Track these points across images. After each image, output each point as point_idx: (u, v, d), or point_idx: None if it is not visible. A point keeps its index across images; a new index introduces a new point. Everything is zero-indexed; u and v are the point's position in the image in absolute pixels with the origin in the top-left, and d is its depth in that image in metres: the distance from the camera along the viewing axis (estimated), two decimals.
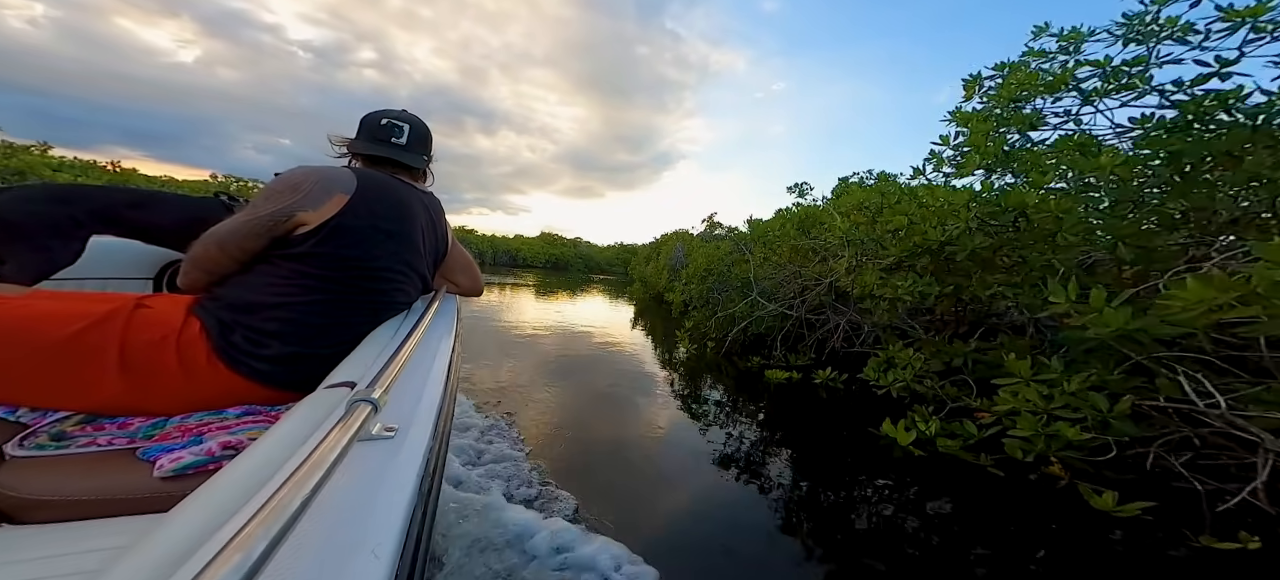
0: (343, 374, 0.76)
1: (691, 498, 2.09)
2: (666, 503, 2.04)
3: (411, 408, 0.61)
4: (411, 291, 1.18)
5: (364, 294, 1.04)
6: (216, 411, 0.88)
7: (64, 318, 0.81)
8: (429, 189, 1.33)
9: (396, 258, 1.10)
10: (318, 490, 0.37)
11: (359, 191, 1.03)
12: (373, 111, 1.22)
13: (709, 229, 12.65)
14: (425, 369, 0.76)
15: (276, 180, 1.01)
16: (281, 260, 0.98)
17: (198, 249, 0.99)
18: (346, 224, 1.00)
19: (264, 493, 0.38)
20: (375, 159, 1.20)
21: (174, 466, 0.70)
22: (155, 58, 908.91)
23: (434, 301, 1.17)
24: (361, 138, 1.21)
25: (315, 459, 0.39)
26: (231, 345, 0.90)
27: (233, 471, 0.47)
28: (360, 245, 1.02)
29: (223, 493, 0.43)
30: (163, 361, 0.85)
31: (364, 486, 0.45)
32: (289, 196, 0.97)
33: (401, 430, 0.55)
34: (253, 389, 0.92)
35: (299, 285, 0.97)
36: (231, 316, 0.93)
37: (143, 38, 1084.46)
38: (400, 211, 1.12)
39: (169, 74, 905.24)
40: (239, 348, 0.91)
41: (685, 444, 2.90)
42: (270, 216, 0.96)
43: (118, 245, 1.33)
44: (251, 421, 0.86)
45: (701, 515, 1.94)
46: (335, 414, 0.52)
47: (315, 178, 1.00)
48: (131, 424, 0.82)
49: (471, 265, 1.50)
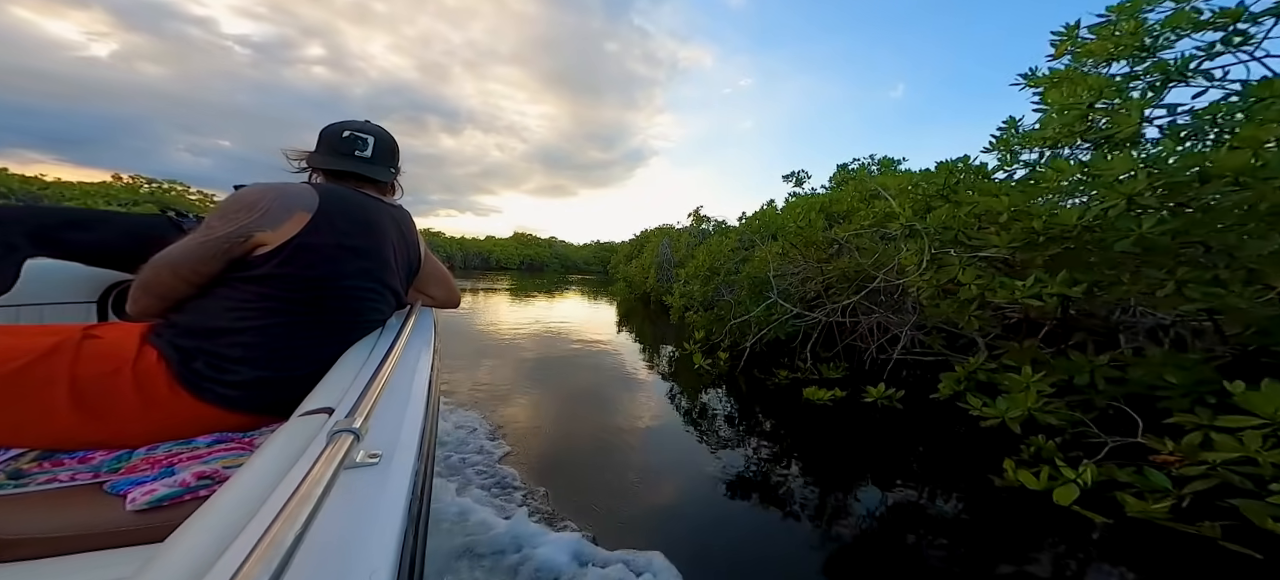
0: (319, 399, 0.73)
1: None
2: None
3: (394, 432, 0.61)
4: (385, 309, 1.14)
5: (333, 314, 0.99)
6: (185, 441, 0.84)
7: (4, 354, 0.78)
8: (398, 202, 1.28)
9: (366, 275, 1.06)
10: (309, 524, 0.36)
11: (322, 209, 0.97)
12: (333, 123, 1.17)
13: (696, 224, 12.02)
14: (405, 390, 0.75)
15: (231, 199, 0.95)
16: (241, 283, 0.92)
17: (148, 273, 0.93)
18: (310, 243, 0.95)
19: (256, 527, 0.39)
20: (339, 173, 1.14)
21: (148, 499, 0.67)
22: (63, 52, 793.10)
23: (410, 317, 1.14)
24: (322, 151, 1.15)
25: (303, 492, 0.38)
26: (193, 372, 0.86)
27: (220, 504, 0.47)
28: (325, 265, 0.97)
29: (214, 526, 0.43)
30: (118, 393, 0.82)
31: (353, 518, 0.44)
32: (245, 216, 0.91)
33: (386, 457, 0.54)
34: (221, 416, 0.88)
35: (261, 308, 0.92)
36: (191, 343, 0.89)
37: (47, 30, 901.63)
38: (367, 228, 1.07)
39: (81, 70, 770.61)
40: (202, 375, 0.87)
41: (728, 505, 2.20)
42: (226, 238, 0.90)
43: (56, 268, 1.26)
44: (224, 450, 0.83)
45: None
46: (317, 444, 0.54)
47: (273, 195, 0.95)
48: (93, 458, 0.79)
49: (446, 277, 1.46)
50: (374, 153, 1.15)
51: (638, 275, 12.90)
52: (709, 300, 5.50)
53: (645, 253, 13.77)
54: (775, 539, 2.04)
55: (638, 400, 3.98)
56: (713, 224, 11.87)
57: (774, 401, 3.91)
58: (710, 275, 5.53)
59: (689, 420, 3.59)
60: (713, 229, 11.67)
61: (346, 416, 0.53)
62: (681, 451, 3.00)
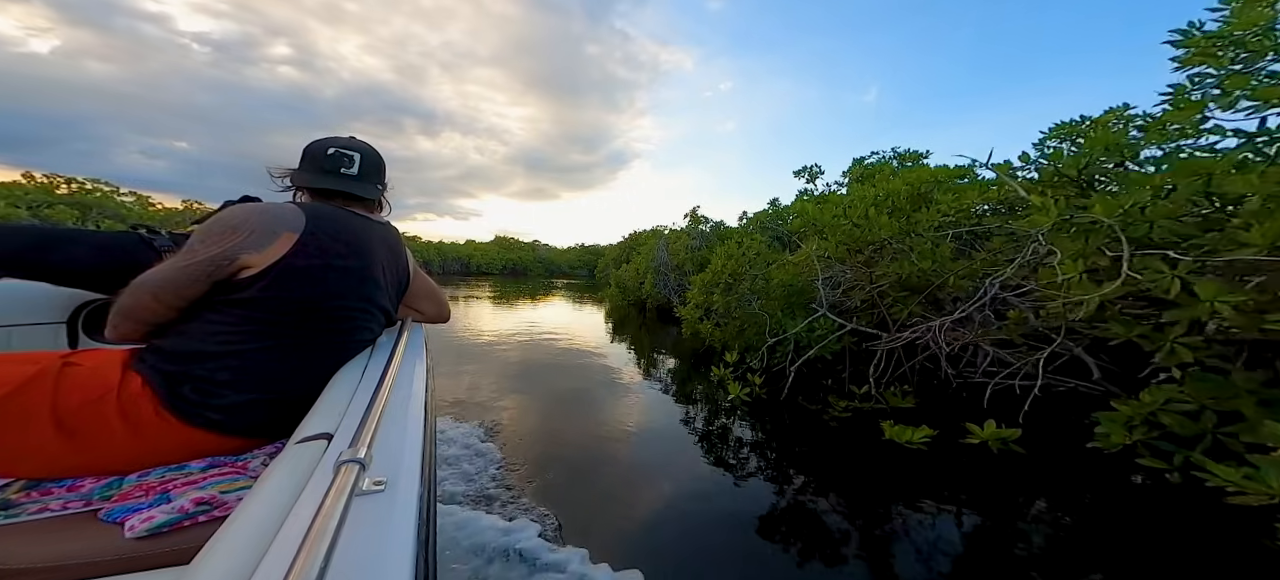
0: (317, 424, 0.72)
1: None
2: None
3: (397, 457, 0.60)
4: (375, 328, 1.12)
5: (323, 335, 0.98)
6: (178, 466, 0.84)
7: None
8: (386, 219, 1.24)
9: (356, 296, 1.04)
10: (330, 556, 0.37)
11: (309, 229, 0.96)
12: (317, 140, 1.12)
13: (693, 224, 11.29)
14: (403, 412, 0.74)
15: (213, 221, 0.93)
16: (227, 306, 0.90)
17: (128, 299, 0.90)
18: (297, 265, 0.93)
19: (276, 560, 0.41)
20: (324, 191, 1.10)
21: (146, 526, 0.67)
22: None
23: (402, 335, 1.11)
24: (306, 169, 1.11)
25: (319, 526, 0.39)
26: (181, 398, 0.85)
27: (234, 534, 0.47)
28: (314, 286, 0.95)
29: (232, 557, 0.43)
30: (104, 421, 0.81)
31: (368, 548, 0.45)
32: (230, 238, 0.90)
33: (391, 482, 0.54)
34: (212, 440, 0.88)
35: (249, 331, 0.90)
36: (176, 368, 0.87)
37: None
38: (356, 247, 1.04)
39: (19, 66, 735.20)
40: (190, 400, 0.86)
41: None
42: (210, 261, 0.89)
43: (22, 288, 1.24)
44: (219, 474, 0.82)
45: None
46: (323, 473, 0.54)
47: (258, 216, 0.93)
48: (82, 486, 0.78)
49: (436, 292, 1.44)
50: (361, 170, 1.12)
51: (631, 280, 12.10)
52: (729, 311, 4.73)
53: (638, 256, 12.97)
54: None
55: (663, 438, 3.18)
56: (710, 225, 11.17)
57: (836, 442, 3.15)
58: (732, 283, 4.76)
59: (738, 470, 2.80)
60: (711, 230, 10.97)
61: (350, 445, 0.56)
62: (742, 518, 2.20)
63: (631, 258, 19.95)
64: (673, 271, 10.50)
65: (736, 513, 2.35)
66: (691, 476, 2.73)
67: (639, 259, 12.81)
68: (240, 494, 0.74)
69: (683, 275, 10.33)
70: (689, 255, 9.90)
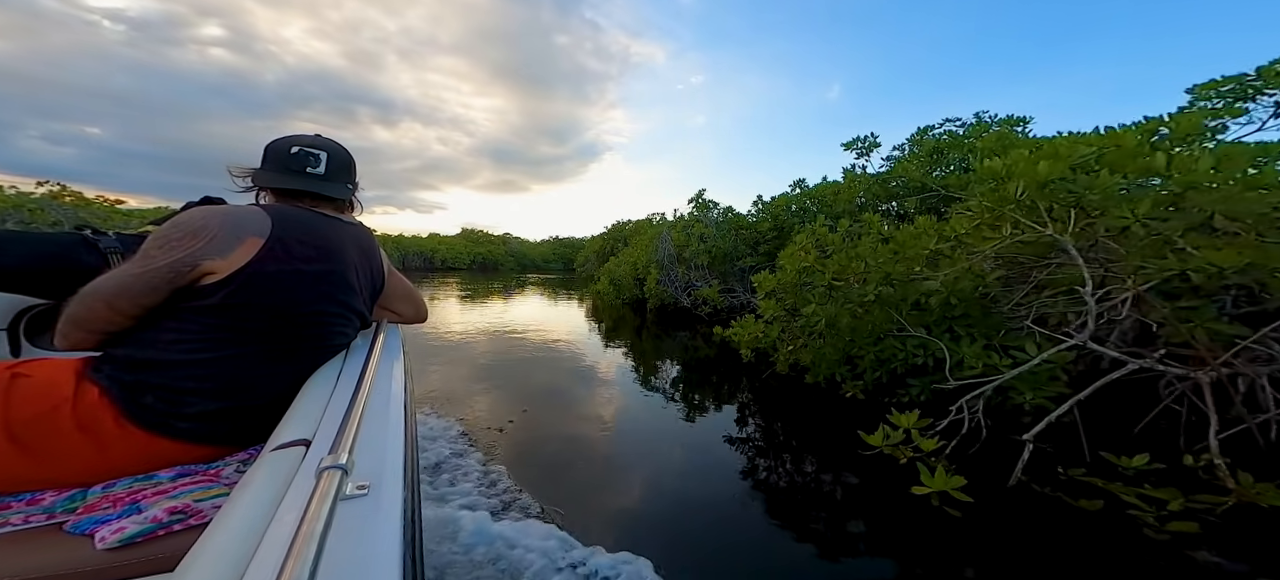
0: (293, 430, 0.69)
1: None
2: None
3: (378, 460, 0.60)
4: (349, 332, 1.09)
5: (294, 341, 0.94)
6: (145, 476, 0.81)
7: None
8: (358, 218, 1.20)
9: (327, 300, 1.00)
10: (318, 561, 0.37)
11: (275, 233, 0.91)
12: (279, 138, 1.06)
13: (700, 210, 9.76)
14: (383, 415, 0.73)
15: (171, 225, 0.87)
16: (190, 313, 0.86)
17: (79, 309, 0.86)
18: (264, 270, 0.89)
19: (262, 568, 0.41)
20: (290, 192, 1.05)
21: (118, 537, 0.65)
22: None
23: (377, 336, 1.10)
24: (269, 169, 1.05)
25: (305, 531, 0.39)
26: (144, 408, 0.82)
27: (216, 542, 0.46)
28: (282, 292, 0.91)
29: (216, 565, 0.43)
30: (60, 433, 0.78)
31: (355, 552, 0.44)
32: (189, 244, 0.85)
33: (373, 487, 0.53)
34: (180, 448, 0.85)
35: (215, 339, 0.86)
36: (135, 377, 0.83)
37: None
38: (326, 250, 1.00)
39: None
40: (153, 410, 0.82)
41: None
42: (169, 267, 0.84)
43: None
44: (190, 483, 0.79)
45: None
46: (304, 479, 0.53)
47: (220, 220, 0.88)
48: (42, 499, 0.75)
49: (413, 292, 1.39)
50: (328, 169, 1.07)
51: (626, 275, 10.49)
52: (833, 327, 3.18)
53: (630, 248, 11.35)
54: None
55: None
56: (720, 211, 9.67)
57: None
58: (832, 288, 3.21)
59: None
60: (721, 216, 9.47)
61: (331, 451, 0.55)
62: None
63: (617, 250, 18.34)
64: (680, 266, 8.95)
65: None
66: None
67: (633, 252, 11.19)
68: (216, 502, 0.73)
69: (694, 271, 8.76)
70: (704, 247, 8.36)
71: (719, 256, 8.38)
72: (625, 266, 10.79)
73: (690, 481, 2.55)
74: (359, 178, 1.18)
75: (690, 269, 8.80)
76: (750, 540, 2.03)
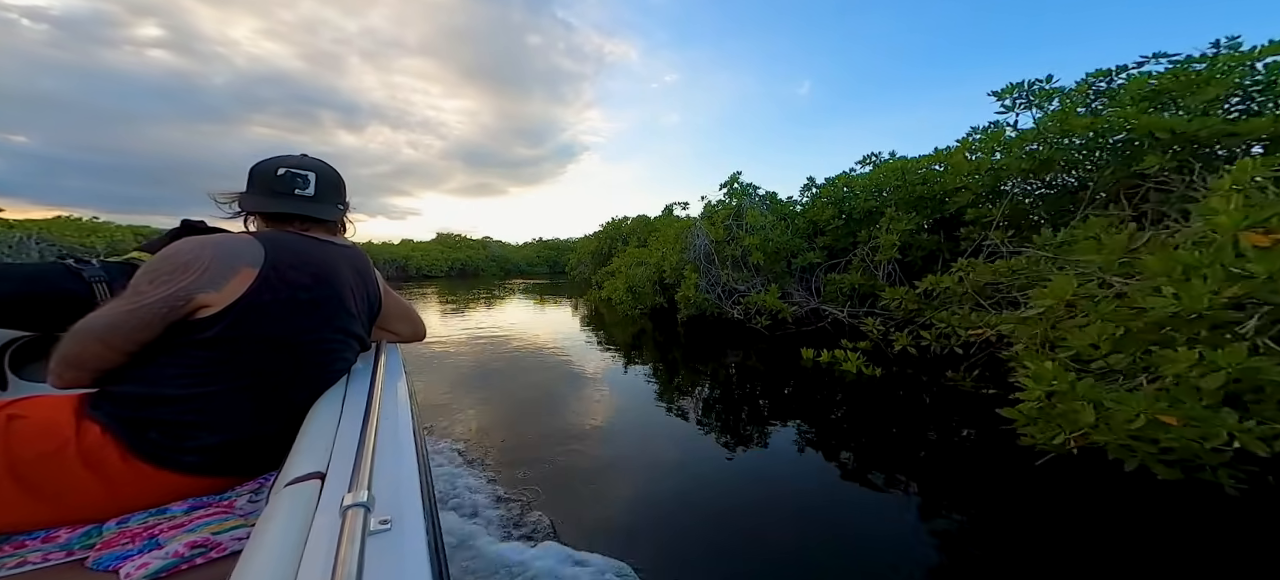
0: (305, 463, 0.68)
1: None
2: None
3: (396, 491, 0.59)
4: (349, 357, 1.08)
5: (295, 371, 0.94)
6: (158, 510, 0.82)
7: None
8: (348, 242, 1.17)
9: (327, 327, 0.99)
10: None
11: (269, 262, 0.90)
12: (264, 160, 1.04)
13: (736, 197, 8.03)
14: (396, 444, 0.72)
15: (161, 258, 0.86)
16: (188, 348, 0.85)
17: (72, 347, 0.84)
18: (261, 301, 0.88)
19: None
20: (279, 216, 1.04)
21: (143, 573, 0.66)
22: None
23: (379, 359, 1.08)
24: (255, 192, 1.03)
25: (341, 574, 0.40)
26: (149, 443, 0.82)
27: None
28: (281, 323, 0.91)
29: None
30: (67, 472, 0.77)
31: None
32: (181, 277, 0.84)
33: (396, 520, 0.53)
34: (189, 481, 0.85)
35: (214, 373, 0.86)
36: (137, 414, 0.83)
37: None
38: (322, 276, 0.99)
39: None
40: (159, 445, 0.83)
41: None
42: (161, 301, 0.83)
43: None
44: (205, 515, 0.81)
45: None
46: (328, 517, 0.53)
47: (212, 251, 0.87)
48: (58, 536, 0.76)
49: (410, 311, 1.36)
50: (317, 190, 1.05)
51: (644, 280, 8.70)
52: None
53: (652, 246, 9.53)
54: None
55: None
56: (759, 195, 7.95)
57: None
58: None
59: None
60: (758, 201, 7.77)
61: (350, 486, 0.56)
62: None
63: (616, 250, 16.50)
64: (723, 268, 7.20)
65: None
66: None
67: (651, 251, 9.39)
68: (233, 534, 0.74)
69: (738, 271, 7.02)
70: (758, 241, 6.62)
71: (775, 254, 6.67)
72: (644, 271, 8.98)
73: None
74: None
75: (732, 268, 7.07)
76: None
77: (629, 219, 17.61)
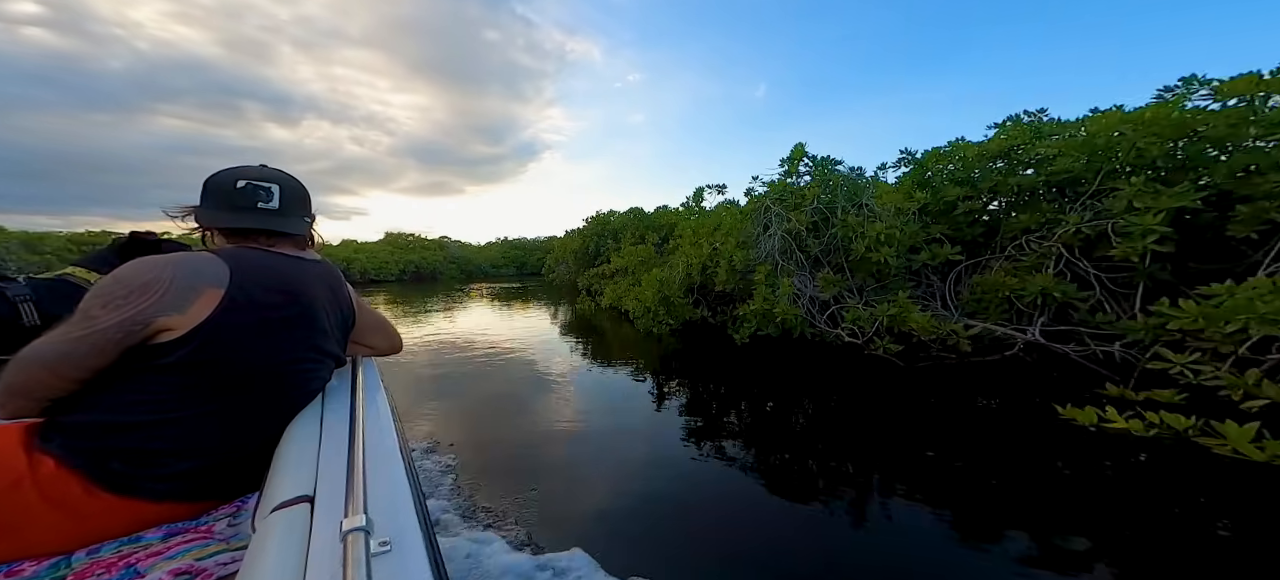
0: (290, 485, 0.66)
1: None
2: None
3: (392, 512, 0.58)
4: (325, 375, 1.03)
5: (268, 392, 0.89)
6: (131, 539, 0.76)
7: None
8: (318, 256, 1.10)
9: (301, 346, 0.93)
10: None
11: (236, 282, 0.84)
12: (220, 172, 0.96)
13: (824, 171, 5.95)
14: (385, 462, 0.70)
15: (114, 281, 0.79)
16: (150, 374, 0.78)
17: (17, 376, 0.78)
18: (229, 322, 0.81)
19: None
20: (242, 231, 0.98)
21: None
22: None
23: (357, 375, 1.03)
24: (214, 206, 0.96)
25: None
26: (112, 474, 0.76)
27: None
28: (251, 344, 0.85)
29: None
30: (25, 507, 0.71)
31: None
32: (138, 301, 0.77)
33: (395, 543, 0.52)
34: (162, 508, 0.80)
35: (182, 398, 0.79)
36: (96, 444, 0.77)
37: None
38: (293, 293, 0.93)
39: None
40: (122, 475, 0.76)
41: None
42: (116, 327, 0.76)
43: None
44: (184, 542, 0.75)
45: None
46: (326, 544, 0.52)
47: (173, 272, 0.80)
48: (23, 569, 0.71)
49: (385, 324, 1.31)
50: (282, 203, 0.99)
51: (674, 285, 6.46)
52: None
53: (688, 245, 7.26)
54: None
55: None
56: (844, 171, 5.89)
57: None
58: None
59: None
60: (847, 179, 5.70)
61: (345, 509, 0.53)
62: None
63: (603, 249, 14.11)
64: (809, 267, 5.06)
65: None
66: None
67: (688, 249, 7.14)
68: (216, 560, 0.71)
69: (840, 276, 4.92)
70: (888, 235, 4.51)
71: (903, 246, 4.60)
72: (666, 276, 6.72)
73: None
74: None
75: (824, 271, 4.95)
76: None
77: (617, 213, 15.29)
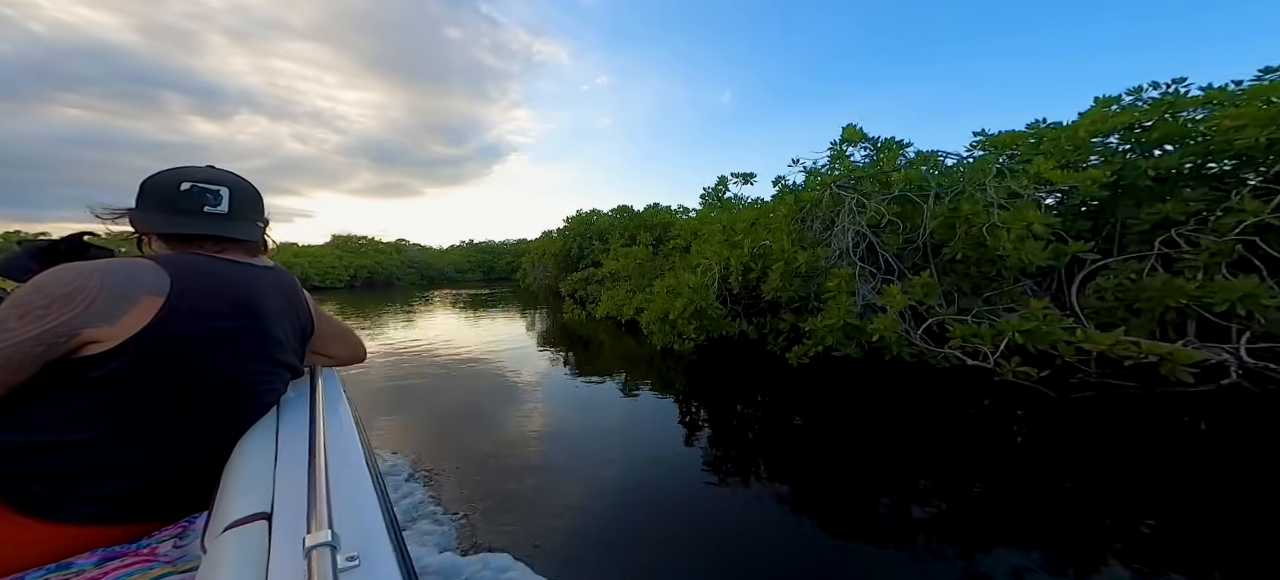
0: (244, 503, 0.61)
1: None
2: None
3: (357, 525, 0.55)
4: (279, 387, 0.95)
5: (215, 407, 0.81)
6: (60, 565, 0.69)
7: None
8: (271, 263, 1.02)
9: (253, 358, 0.86)
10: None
11: (177, 290, 0.76)
12: (160, 173, 0.87)
13: (888, 156, 4.84)
14: (348, 474, 0.66)
15: (33, 289, 0.69)
16: (75, 389, 0.71)
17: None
18: (170, 333, 0.74)
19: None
20: (186, 237, 0.88)
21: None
22: None
23: (316, 386, 0.98)
24: (152, 211, 0.86)
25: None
26: (31, 497, 0.70)
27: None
28: (195, 357, 0.77)
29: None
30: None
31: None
32: (60, 311, 0.68)
33: (364, 556, 0.49)
34: (94, 532, 0.72)
35: (113, 414, 0.72)
36: (12, 467, 0.70)
37: None
38: (242, 303, 0.85)
39: None
40: (44, 498, 0.70)
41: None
42: (35, 339, 0.67)
43: None
44: (122, 567, 0.68)
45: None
46: (288, 560, 0.49)
47: (101, 279, 0.71)
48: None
49: (346, 332, 1.25)
50: (231, 206, 0.91)
51: (702, 289, 5.21)
52: None
53: (711, 243, 6.00)
54: None
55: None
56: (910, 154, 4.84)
57: None
58: None
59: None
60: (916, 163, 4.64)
61: (308, 525, 0.50)
62: None
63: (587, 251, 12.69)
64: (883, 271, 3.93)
65: None
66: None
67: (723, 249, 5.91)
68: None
69: (940, 277, 3.80)
70: (1019, 226, 3.41)
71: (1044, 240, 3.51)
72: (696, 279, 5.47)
73: None
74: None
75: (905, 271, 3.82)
76: None
77: (602, 212, 13.90)
